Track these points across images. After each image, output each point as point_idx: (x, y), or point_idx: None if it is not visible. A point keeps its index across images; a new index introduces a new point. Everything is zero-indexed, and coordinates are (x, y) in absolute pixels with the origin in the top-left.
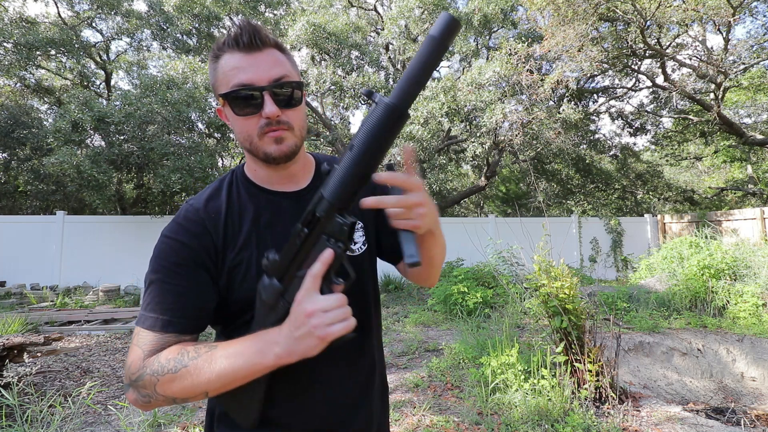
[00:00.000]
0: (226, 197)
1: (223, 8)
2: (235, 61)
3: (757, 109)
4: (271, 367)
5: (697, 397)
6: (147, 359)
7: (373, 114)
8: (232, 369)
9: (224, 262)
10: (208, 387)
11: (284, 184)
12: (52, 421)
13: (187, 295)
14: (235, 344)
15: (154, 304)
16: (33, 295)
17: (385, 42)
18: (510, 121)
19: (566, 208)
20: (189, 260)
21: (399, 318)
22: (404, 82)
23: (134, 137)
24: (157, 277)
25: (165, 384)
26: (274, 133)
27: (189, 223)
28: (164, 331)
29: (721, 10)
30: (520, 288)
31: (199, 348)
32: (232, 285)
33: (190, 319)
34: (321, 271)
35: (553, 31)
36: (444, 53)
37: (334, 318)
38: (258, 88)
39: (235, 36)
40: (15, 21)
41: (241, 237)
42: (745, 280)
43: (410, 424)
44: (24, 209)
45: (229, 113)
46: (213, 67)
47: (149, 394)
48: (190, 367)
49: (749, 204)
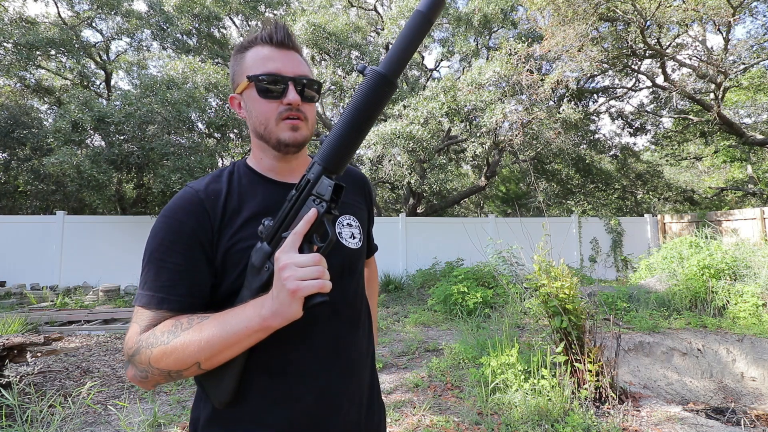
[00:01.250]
0: (227, 182)
1: (223, 8)
2: (265, 52)
3: (757, 109)
4: (258, 330)
5: (697, 397)
6: (143, 333)
7: (363, 83)
8: (220, 335)
9: (220, 242)
10: (199, 356)
11: (286, 176)
12: (52, 421)
13: (181, 273)
14: (224, 314)
15: (150, 282)
16: (33, 295)
17: (385, 42)
18: (510, 121)
19: (566, 208)
20: (185, 239)
21: (399, 318)
22: (392, 54)
23: (134, 137)
24: (153, 255)
25: (158, 356)
26: (292, 120)
27: (186, 202)
28: (159, 308)
29: (721, 10)
30: (520, 288)
31: (192, 319)
32: (227, 266)
33: (185, 297)
34: (303, 229)
35: (553, 31)
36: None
37: (307, 273)
38: (284, 77)
39: (270, 32)
40: (15, 21)
41: (239, 218)
42: (745, 280)
43: (410, 424)
44: (24, 209)
45: (251, 95)
46: (239, 57)
47: (145, 369)
48: (182, 337)
49: (749, 204)
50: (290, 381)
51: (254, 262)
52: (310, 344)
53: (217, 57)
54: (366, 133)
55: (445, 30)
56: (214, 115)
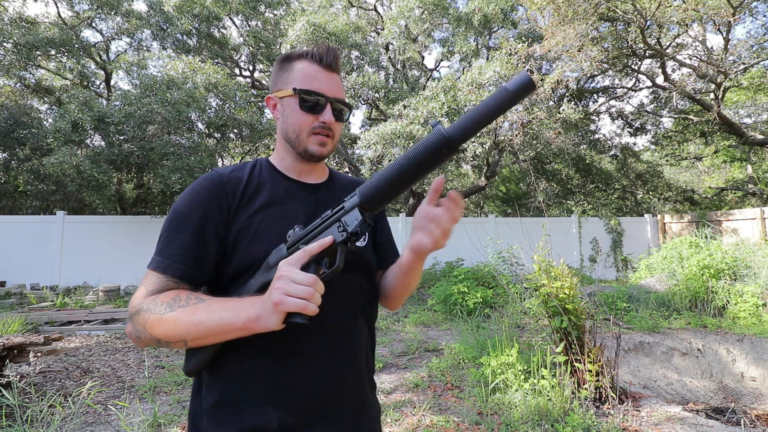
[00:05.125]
0: (248, 173)
1: (223, 8)
2: (313, 71)
3: (757, 109)
4: (241, 328)
5: (697, 397)
6: (148, 297)
7: (427, 137)
8: (208, 322)
9: (234, 223)
10: (186, 335)
11: (302, 176)
12: (52, 421)
13: (191, 245)
14: (219, 302)
15: (162, 249)
16: (33, 295)
17: (385, 42)
18: (510, 121)
19: (566, 208)
20: (201, 215)
21: (399, 318)
22: (465, 120)
23: (134, 137)
24: (171, 225)
25: (153, 323)
26: (322, 137)
27: (209, 182)
28: (165, 274)
29: (721, 10)
30: (520, 288)
31: (190, 297)
32: (238, 246)
33: (189, 267)
34: (313, 250)
35: (553, 31)
36: (510, 108)
37: (296, 291)
38: (327, 97)
39: (321, 55)
40: (15, 21)
41: (255, 204)
42: (745, 280)
43: (410, 424)
44: (24, 209)
45: (291, 105)
46: (287, 65)
47: (140, 330)
48: (176, 313)
49: (749, 204)
50: (294, 368)
51: (269, 261)
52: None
53: (217, 57)
54: (412, 184)
55: (445, 30)
56: (214, 115)
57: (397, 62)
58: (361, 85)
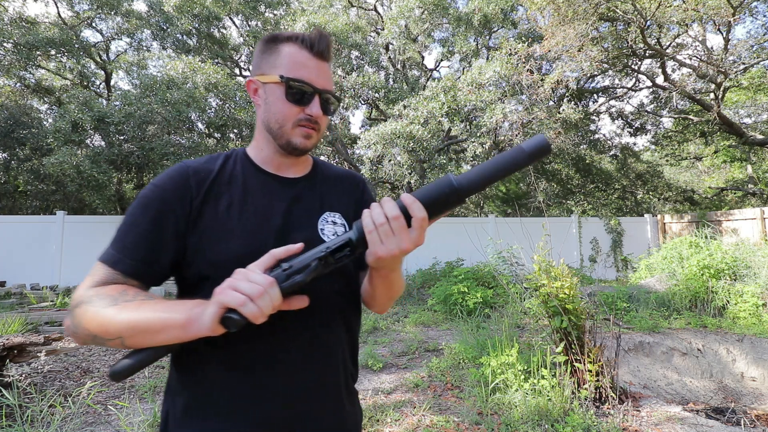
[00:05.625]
0: (220, 165)
1: (223, 8)
2: (303, 58)
3: (757, 109)
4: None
5: (697, 397)
6: (90, 289)
7: (435, 183)
8: (148, 318)
9: (199, 220)
10: (123, 331)
11: (281, 170)
12: (52, 421)
13: (146, 239)
14: (168, 300)
15: (116, 241)
16: (33, 295)
17: (385, 42)
18: (510, 121)
19: (566, 208)
20: (160, 207)
21: (399, 318)
22: (476, 174)
23: (134, 137)
24: (128, 218)
25: (90, 318)
26: (307, 129)
27: (174, 173)
28: (114, 267)
29: (721, 10)
30: (520, 288)
31: (138, 294)
32: (203, 245)
33: (140, 263)
34: (279, 254)
35: (553, 31)
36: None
37: (243, 287)
38: (315, 88)
39: (312, 40)
40: (15, 21)
41: (222, 200)
42: (745, 280)
43: (410, 424)
44: (24, 209)
45: (276, 92)
46: (273, 47)
47: (77, 324)
48: (119, 306)
49: (749, 204)
50: (264, 379)
51: None
52: (281, 338)
53: (217, 57)
54: None
55: (445, 30)
56: (213, 115)
57: (397, 62)
58: (361, 85)
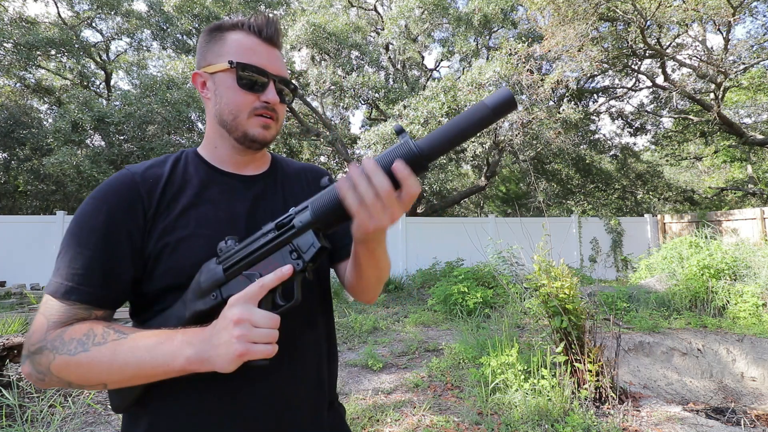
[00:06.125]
0: (170, 168)
1: (223, 8)
2: (251, 44)
3: (757, 109)
4: (178, 371)
5: (697, 397)
6: (51, 331)
7: (393, 150)
8: (135, 365)
9: (154, 230)
10: (107, 379)
11: (239, 168)
12: (52, 421)
13: (98, 261)
14: (146, 337)
15: (62, 269)
16: (33, 295)
17: (385, 42)
18: (510, 121)
19: (566, 208)
20: (109, 224)
21: (399, 318)
22: (437, 135)
23: (134, 137)
24: (71, 240)
25: (60, 366)
26: (264, 119)
27: (120, 185)
28: (67, 299)
29: (721, 10)
30: (520, 288)
31: (108, 332)
32: (161, 257)
33: (97, 288)
34: (271, 284)
35: (553, 31)
36: (488, 125)
37: (260, 336)
38: (269, 74)
39: (260, 25)
40: (15, 21)
41: (177, 207)
42: (745, 280)
43: (410, 424)
44: (24, 209)
45: (226, 82)
46: (217, 35)
47: (44, 372)
48: (92, 353)
49: (749, 204)
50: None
51: (201, 282)
52: None
53: None
54: None
55: (445, 30)
56: None
57: (397, 62)
58: (361, 85)
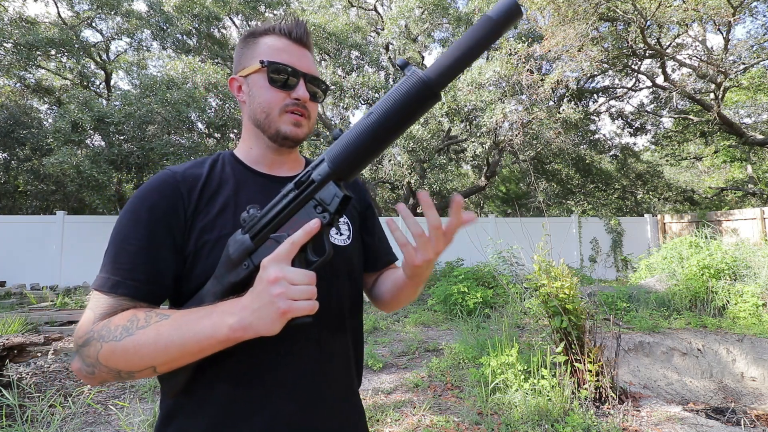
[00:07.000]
0: (208, 169)
1: (223, 8)
2: (282, 45)
3: (757, 109)
4: (224, 341)
5: (697, 397)
6: (98, 322)
7: (402, 84)
8: (180, 342)
9: (193, 228)
10: (154, 361)
11: (273, 168)
12: (53, 421)
13: (143, 257)
14: (187, 314)
15: (109, 264)
16: (33, 295)
17: (385, 42)
18: (510, 121)
19: (566, 208)
20: (153, 220)
21: (399, 318)
22: (445, 59)
23: (134, 137)
24: (117, 236)
25: (108, 353)
26: (296, 116)
27: (162, 184)
28: (114, 293)
29: (721, 10)
30: (520, 288)
31: (150, 316)
32: (199, 255)
33: (143, 283)
34: (302, 240)
35: (553, 31)
36: (495, 40)
37: (300, 293)
38: (299, 72)
39: (290, 27)
40: (15, 21)
41: (215, 205)
42: (745, 280)
43: (410, 424)
44: (24, 209)
45: (259, 81)
46: (251, 41)
47: (93, 364)
48: (136, 337)
49: (749, 204)
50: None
51: (231, 254)
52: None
53: (217, 57)
54: (390, 143)
55: (445, 30)
56: (213, 115)
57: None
58: (361, 85)
